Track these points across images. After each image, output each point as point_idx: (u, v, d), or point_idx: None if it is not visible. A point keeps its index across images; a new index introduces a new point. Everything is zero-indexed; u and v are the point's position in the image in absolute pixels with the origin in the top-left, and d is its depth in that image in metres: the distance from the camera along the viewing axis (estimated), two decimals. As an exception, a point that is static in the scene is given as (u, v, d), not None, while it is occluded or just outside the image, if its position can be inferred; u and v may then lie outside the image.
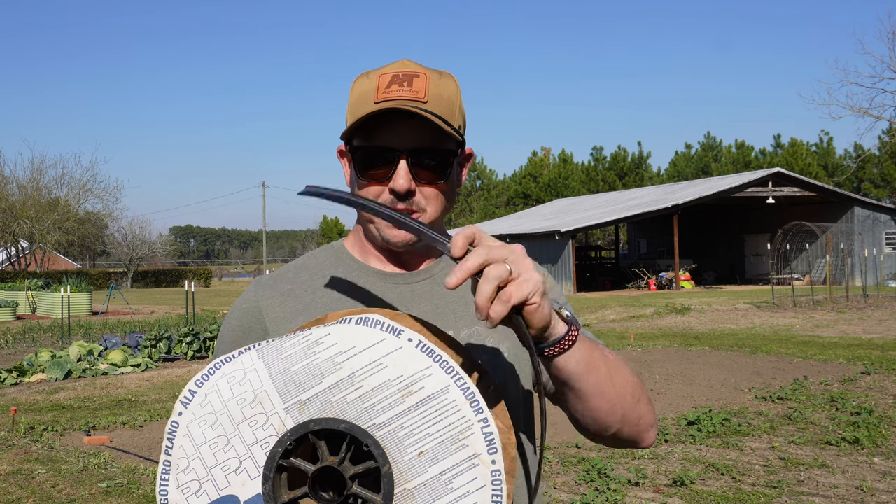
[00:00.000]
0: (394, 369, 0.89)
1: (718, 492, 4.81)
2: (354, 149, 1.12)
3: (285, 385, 0.91)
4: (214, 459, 0.91)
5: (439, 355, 0.90)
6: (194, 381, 0.94)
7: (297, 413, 0.90)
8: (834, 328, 14.68)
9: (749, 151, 46.34)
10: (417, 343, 0.90)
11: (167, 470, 0.92)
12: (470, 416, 0.88)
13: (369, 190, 1.11)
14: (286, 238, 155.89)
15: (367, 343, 0.91)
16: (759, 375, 9.19)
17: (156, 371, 11.07)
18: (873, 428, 6.23)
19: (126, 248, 53.90)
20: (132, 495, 5.07)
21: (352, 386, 0.89)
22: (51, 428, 7.10)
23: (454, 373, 0.89)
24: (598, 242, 44.94)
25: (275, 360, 0.92)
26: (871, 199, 31.84)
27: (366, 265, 1.19)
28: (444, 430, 0.88)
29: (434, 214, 1.12)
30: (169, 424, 0.94)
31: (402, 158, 1.08)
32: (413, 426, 0.88)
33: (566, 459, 5.59)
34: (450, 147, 1.12)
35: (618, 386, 1.03)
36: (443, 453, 0.87)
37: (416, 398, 0.88)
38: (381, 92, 1.08)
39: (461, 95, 1.15)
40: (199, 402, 0.93)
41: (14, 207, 41.78)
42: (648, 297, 22.81)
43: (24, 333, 17.02)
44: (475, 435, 0.87)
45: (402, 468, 0.87)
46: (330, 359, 0.91)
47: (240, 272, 79.17)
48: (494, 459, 0.87)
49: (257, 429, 0.90)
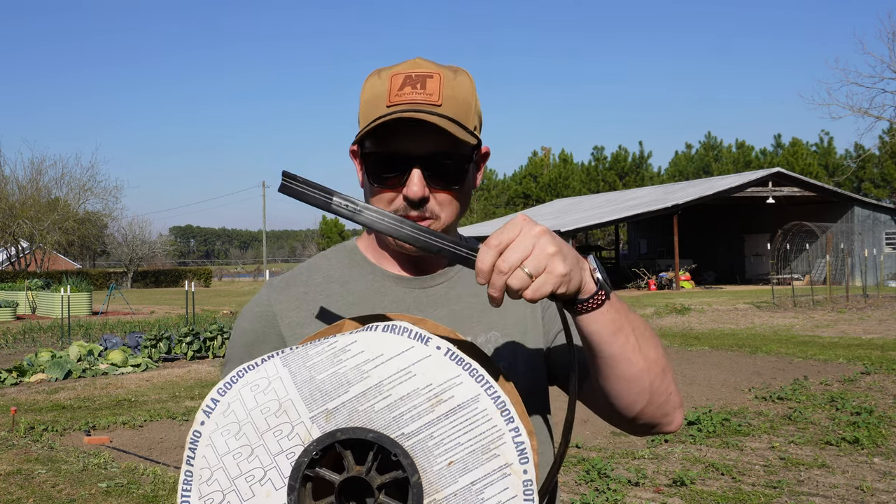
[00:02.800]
0: (423, 378, 0.88)
1: (718, 492, 4.81)
2: (367, 154, 1.09)
3: (311, 394, 0.89)
4: (238, 470, 0.89)
5: (468, 363, 0.89)
6: (216, 390, 0.92)
7: (323, 422, 0.88)
8: (834, 328, 14.67)
9: (749, 151, 46.33)
10: (446, 351, 0.89)
11: (189, 480, 0.91)
12: (501, 426, 0.87)
13: (382, 196, 1.09)
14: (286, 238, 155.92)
15: (395, 351, 0.89)
16: (759, 375, 9.19)
17: (156, 371, 11.07)
18: (873, 428, 6.22)
19: (126, 248, 53.88)
20: (132, 495, 5.07)
21: (380, 395, 0.88)
22: (51, 428, 7.09)
23: (484, 381, 0.88)
24: (598, 242, 44.94)
25: (300, 368, 0.90)
26: (871, 199, 31.83)
27: (380, 268, 1.16)
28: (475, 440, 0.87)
29: (448, 220, 1.10)
30: (191, 434, 0.92)
31: (416, 166, 1.05)
32: (443, 436, 0.87)
33: (566, 459, 5.59)
34: (465, 151, 1.08)
35: (647, 354, 0.98)
36: (473, 463, 0.86)
37: (446, 407, 0.87)
38: (393, 94, 1.05)
39: (476, 93, 1.12)
40: (221, 412, 0.91)
41: (14, 207, 41.77)
42: (648, 297, 22.81)
43: (24, 333, 17.02)
44: (506, 444, 0.86)
45: (431, 478, 0.86)
46: (357, 367, 0.89)
47: (240, 272, 79.03)
48: (526, 469, 0.86)
49: (282, 438, 0.89)
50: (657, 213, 27.32)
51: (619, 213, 28.54)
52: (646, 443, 6.11)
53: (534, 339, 1.18)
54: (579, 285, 0.88)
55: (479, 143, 1.12)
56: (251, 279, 62.07)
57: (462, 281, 1.18)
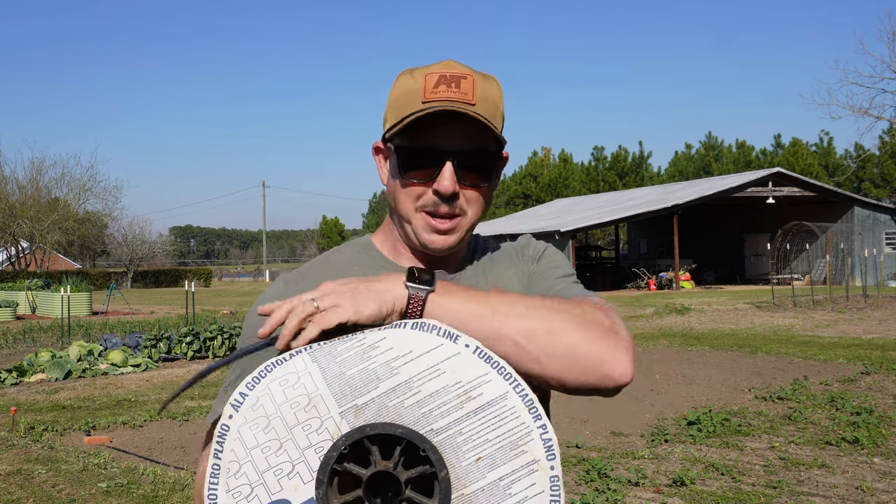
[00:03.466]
0: (452, 375, 0.90)
1: (718, 492, 4.81)
2: (398, 148, 1.10)
3: (341, 389, 0.90)
4: (266, 463, 0.90)
5: (497, 361, 0.90)
6: (245, 385, 0.93)
7: (352, 417, 0.90)
8: (834, 328, 14.67)
9: (750, 151, 46.34)
10: (475, 349, 0.91)
11: (216, 474, 0.91)
12: (529, 423, 0.89)
13: (412, 190, 1.10)
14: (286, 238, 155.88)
15: (425, 348, 0.91)
16: (759, 375, 9.19)
17: (156, 371, 11.07)
18: (873, 428, 6.22)
19: (126, 248, 53.89)
20: (132, 495, 5.06)
21: (409, 391, 0.89)
22: (51, 428, 7.09)
23: (512, 379, 0.90)
24: (598, 242, 44.95)
25: (329, 363, 0.91)
26: (871, 199, 31.85)
27: (396, 264, 1.17)
28: (504, 436, 0.88)
29: (474, 217, 1.12)
30: (219, 427, 0.92)
31: (449, 160, 1.07)
32: (471, 432, 0.88)
33: (566, 459, 5.59)
34: (494, 150, 1.11)
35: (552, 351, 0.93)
36: (501, 459, 0.88)
37: (474, 404, 0.89)
38: (428, 92, 1.07)
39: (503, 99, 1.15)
40: (250, 406, 0.92)
41: (14, 207, 41.78)
42: (648, 297, 22.81)
43: (24, 333, 17.02)
44: (534, 441, 0.88)
45: (459, 473, 0.88)
46: (386, 363, 0.90)
47: (240, 272, 79.04)
48: (553, 465, 0.88)
49: (311, 433, 0.90)
50: (657, 213, 27.32)
51: (619, 213, 28.54)
52: (646, 443, 6.12)
53: None
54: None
55: (503, 145, 1.14)
56: (251, 279, 62.09)
57: (479, 277, 1.20)
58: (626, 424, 6.76)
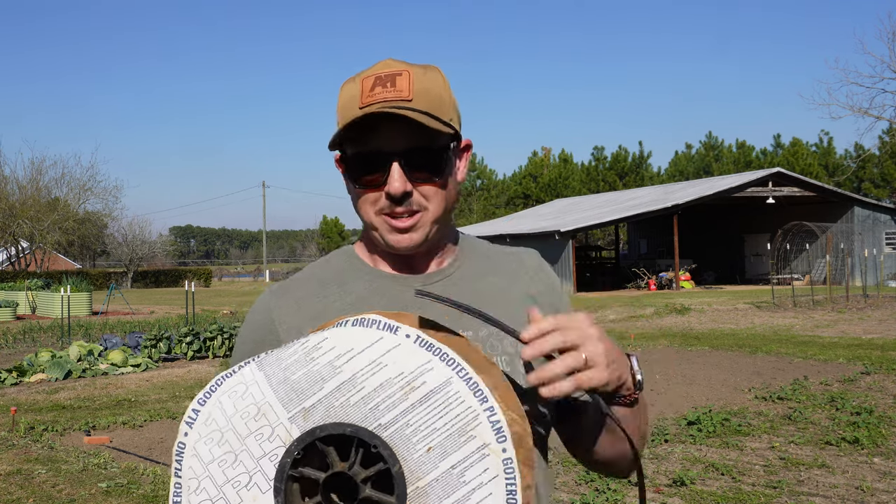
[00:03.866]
0: (394, 367, 0.88)
1: (718, 492, 4.81)
2: (346, 157, 1.11)
3: (287, 394, 0.89)
4: (224, 476, 0.90)
5: (438, 348, 0.88)
6: (197, 400, 0.92)
7: (301, 421, 0.88)
8: (834, 328, 14.67)
9: (750, 151, 46.33)
10: (416, 338, 0.89)
11: (179, 493, 0.91)
12: (475, 406, 0.86)
13: (367, 197, 1.10)
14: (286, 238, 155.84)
15: (365, 343, 0.89)
16: (759, 375, 9.19)
17: (156, 371, 11.07)
18: (873, 428, 6.22)
19: (126, 248, 53.89)
20: (132, 495, 5.07)
21: (353, 388, 0.88)
22: (51, 428, 7.09)
23: (455, 364, 0.88)
24: (598, 242, 44.93)
25: (274, 370, 0.91)
26: (871, 199, 31.84)
27: (377, 269, 1.17)
28: (451, 423, 0.86)
29: (437, 211, 1.11)
30: (176, 446, 0.92)
31: (395, 161, 1.07)
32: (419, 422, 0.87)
33: (566, 459, 5.59)
34: (442, 142, 1.10)
35: (643, 434, 1.12)
36: (452, 447, 0.86)
37: (418, 394, 0.87)
38: (365, 96, 1.07)
39: (450, 88, 1.13)
40: (203, 421, 0.91)
41: (14, 207, 41.78)
42: (648, 297, 22.81)
43: (24, 333, 17.02)
44: (482, 425, 0.86)
45: (412, 466, 0.86)
46: (329, 363, 0.89)
47: (240, 272, 79.01)
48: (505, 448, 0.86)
49: (263, 441, 0.89)
50: (657, 213, 27.31)
51: (619, 213, 28.53)
52: (646, 443, 6.11)
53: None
54: (619, 385, 0.97)
55: (457, 134, 1.13)
56: (251, 279, 62.07)
57: (463, 276, 1.19)
58: (626, 424, 6.76)
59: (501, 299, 1.18)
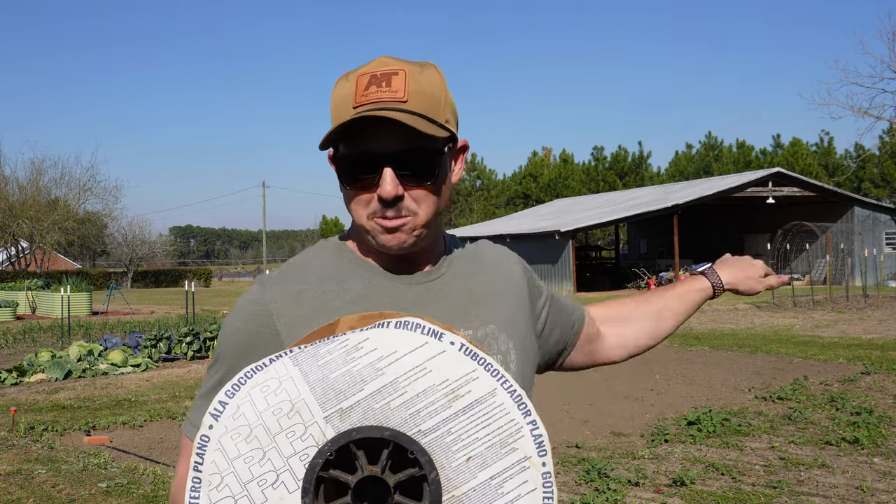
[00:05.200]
0: (438, 373, 0.87)
1: (718, 492, 4.81)
2: (339, 157, 1.09)
3: (325, 393, 0.88)
4: (250, 474, 0.87)
5: (483, 358, 0.89)
6: (224, 393, 0.89)
7: (337, 422, 0.87)
8: (834, 328, 14.67)
9: (750, 151, 46.32)
10: (461, 346, 0.89)
11: (197, 487, 0.88)
12: (518, 419, 0.87)
13: (359, 199, 1.08)
14: (286, 238, 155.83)
15: (409, 347, 0.89)
16: (759, 375, 9.19)
17: (156, 371, 11.07)
18: (873, 428, 6.22)
19: (126, 248, 53.87)
20: (132, 495, 5.06)
21: (395, 392, 0.87)
22: (51, 428, 7.09)
23: (500, 376, 0.88)
24: (598, 242, 44.93)
25: (311, 367, 0.89)
26: (871, 199, 31.83)
27: (374, 266, 1.15)
28: (493, 434, 0.86)
29: (427, 215, 1.09)
30: (198, 439, 0.89)
31: (387, 164, 1.04)
32: (461, 431, 0.86)
33: (566, 459, 5.59)
34: (436, 145, 1.08)
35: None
36: (492, 458, 0.86)
37: (462, 402, 0.87)
38: (359, 95, 1.05)
39: (447, 86, 1.11)
40: (230, 414, 0.88)
41: (14, 207, 41.76)
42: (648, 297, 22.76)
43: (24, 333, 17.02)
44: (525, 438, 0.87)
45: (449, 474, 0.86)
46: (371, 364, 0.88)
47: (240, 272, 79.07)
48: (545, 462, 0.86)
49: (295, 440, 0.87)
50: (657, 213, 27.32)
51: (619, 213, 28.54)
52: (646, 443, 6.11)
53: (525, 331, 1.21)
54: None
55: (452, 135, 1.11)
56: (251, 279, 62.07)
57: (456, 276, 1.18)
58: (626, 424, 6.76)
59: (494, 297, 1.19)
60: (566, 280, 27.03)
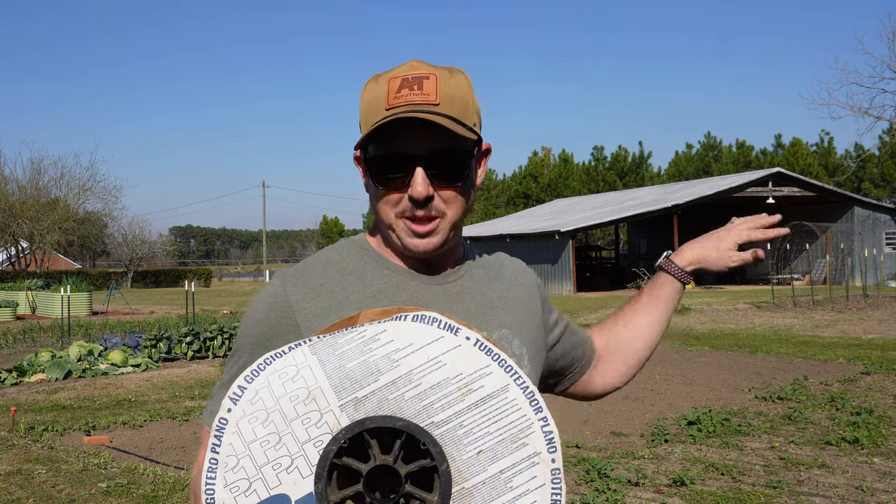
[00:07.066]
0: (453, 367, 0.89)
1: (718, 492, 4.81)
2: (370, 157, 1.11)
3: (341, 382, 0.90)
4: (265, 457, 0.89)
5: (497, 354, 0.90)
6: (244, 378, 0.91)
7: (352, 411, 0.89)
8: (834, 328, 14.67)
9: (750, 151, 46.32)
10: (475, 341, 0.90)
11: (213, 468, 0.90)
12: (530, 415, 0.88)
13: (388, 198, 1.10)
14: (286, 238, 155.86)
15: (425, 340, 0.90)
16: (759, 375, 9.19)
17: (156, 371, 11.07)
18: (873, 428, 6.22)
19: (126, 248, 53.87)
20: (132, 495, 5.06)
21: (410, 384, 0.89)
22: (51, 428, 7.09)
23: (513, 371, 0.89)
24: (598, 242, 44.92)
25: (329, 356, 0.91)
26: (871, 199, 31.84)
27: (395, 264, 1.17)
28: (505, 429, 0.88)
29: (455, 216, 1.11)
30: (216, 421, 0.91)
31: (419, 165, 1.07)
32: (472, 424, 0.88)
33: (566, 459, 5.59)
34: (466, 147, 1.11)
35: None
36: (503, 452, 0.88)
37: (475, 396, 0.88)
38: (391, 97, 1.07)
39: (473, 90, 1.14)
40: (249, 399, 0.90)
41: (14, 207, 41.75)
42: (648, 297, 22.75)
43: (24, 333, 17.02)
44: (535, 434, 0.88)
45: (460, 467, 0.87)
46: (387, 356, 0.90)
47: (240, 272, 78.96)
48: (554, 458, 0.88)
49: (310, 426, 0.89)
50: (657, 213, 27.32)
51: (619, 213, 28.54)
52: (646, 443, 6.11)
53: (535, 339, 1.24)
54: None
55: (479, 139, 1.14)
56: (251, 279, 62.07)
57: (474, 280, 1.20)
58: (626, 424, 6.76)
59: (509, 303, 1.22)
60: (566, 280, 27.02)
